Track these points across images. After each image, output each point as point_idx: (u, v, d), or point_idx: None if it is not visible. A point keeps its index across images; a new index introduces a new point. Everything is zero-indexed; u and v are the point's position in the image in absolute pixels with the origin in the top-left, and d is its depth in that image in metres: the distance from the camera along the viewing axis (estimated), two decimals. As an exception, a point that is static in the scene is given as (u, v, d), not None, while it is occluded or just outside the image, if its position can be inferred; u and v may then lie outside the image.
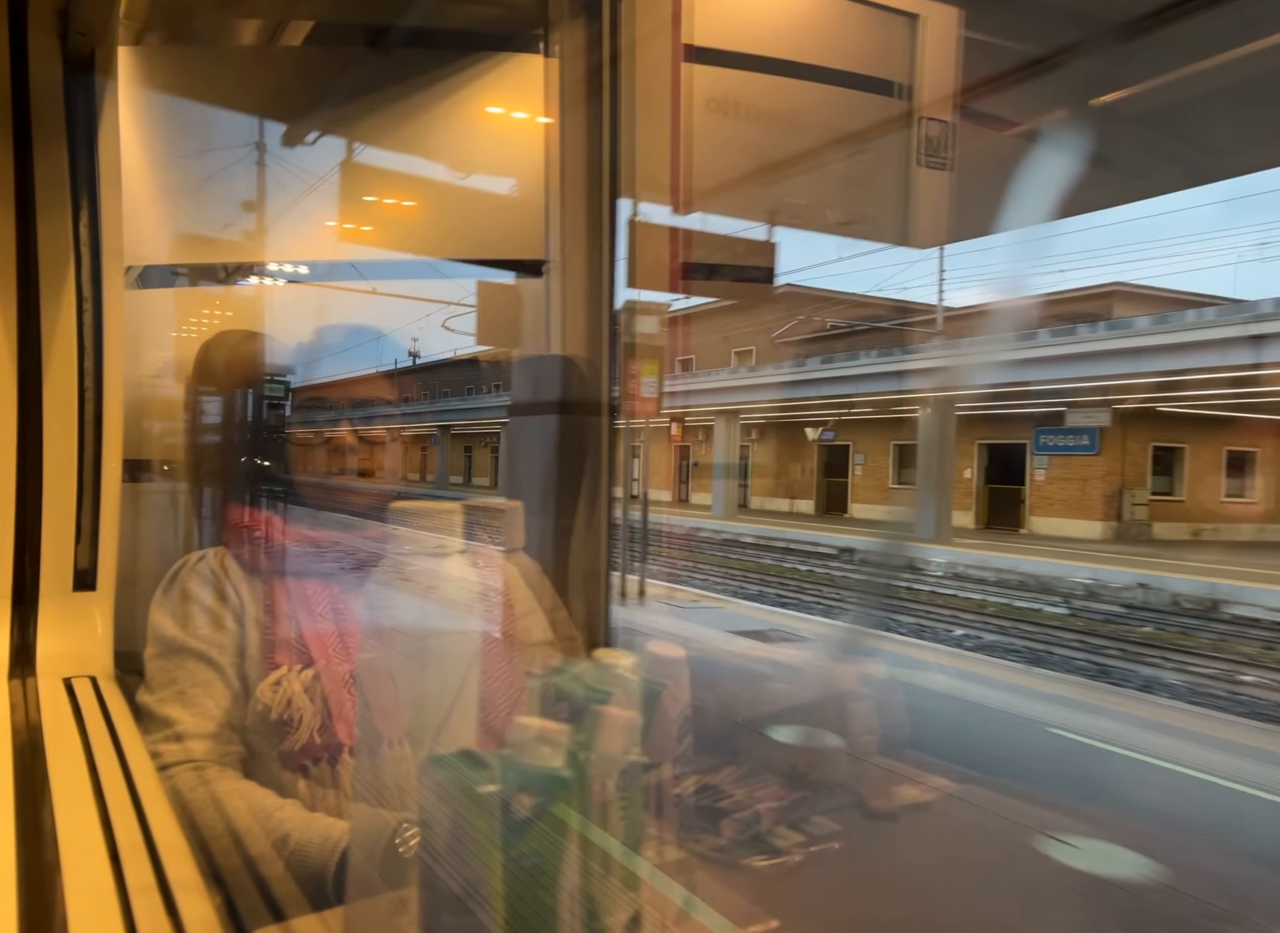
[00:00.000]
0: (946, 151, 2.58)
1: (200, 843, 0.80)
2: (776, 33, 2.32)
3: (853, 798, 0.90)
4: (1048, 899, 0.79)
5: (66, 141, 1.25)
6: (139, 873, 0.59)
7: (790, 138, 2.36)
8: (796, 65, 2.34)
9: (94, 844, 0.63)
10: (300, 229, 1.97)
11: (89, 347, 1.26)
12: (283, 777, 0.90)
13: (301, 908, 0.69)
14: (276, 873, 0.76)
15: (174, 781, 0.87)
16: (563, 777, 0.48)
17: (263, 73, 1.95)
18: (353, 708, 0.90)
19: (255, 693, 0.93)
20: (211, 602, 1.00)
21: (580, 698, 0.61)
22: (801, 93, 2.35)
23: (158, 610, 1.01)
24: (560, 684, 0.63)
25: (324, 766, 0.90)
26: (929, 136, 2.56)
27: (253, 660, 0.96)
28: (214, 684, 0.94)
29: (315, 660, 0.94)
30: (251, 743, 0.94)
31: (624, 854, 0.53)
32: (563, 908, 0.47)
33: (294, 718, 0.90)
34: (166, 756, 0.90)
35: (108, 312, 1.27)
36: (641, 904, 0.55)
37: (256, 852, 0.78)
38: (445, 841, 0.46)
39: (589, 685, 0.62)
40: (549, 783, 0.48)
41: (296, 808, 0.85)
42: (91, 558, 1.23)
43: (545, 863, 0.47)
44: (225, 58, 1.98)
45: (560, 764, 0.49)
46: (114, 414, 1.26)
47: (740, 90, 2.25)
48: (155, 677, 0.97)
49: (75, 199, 1.26)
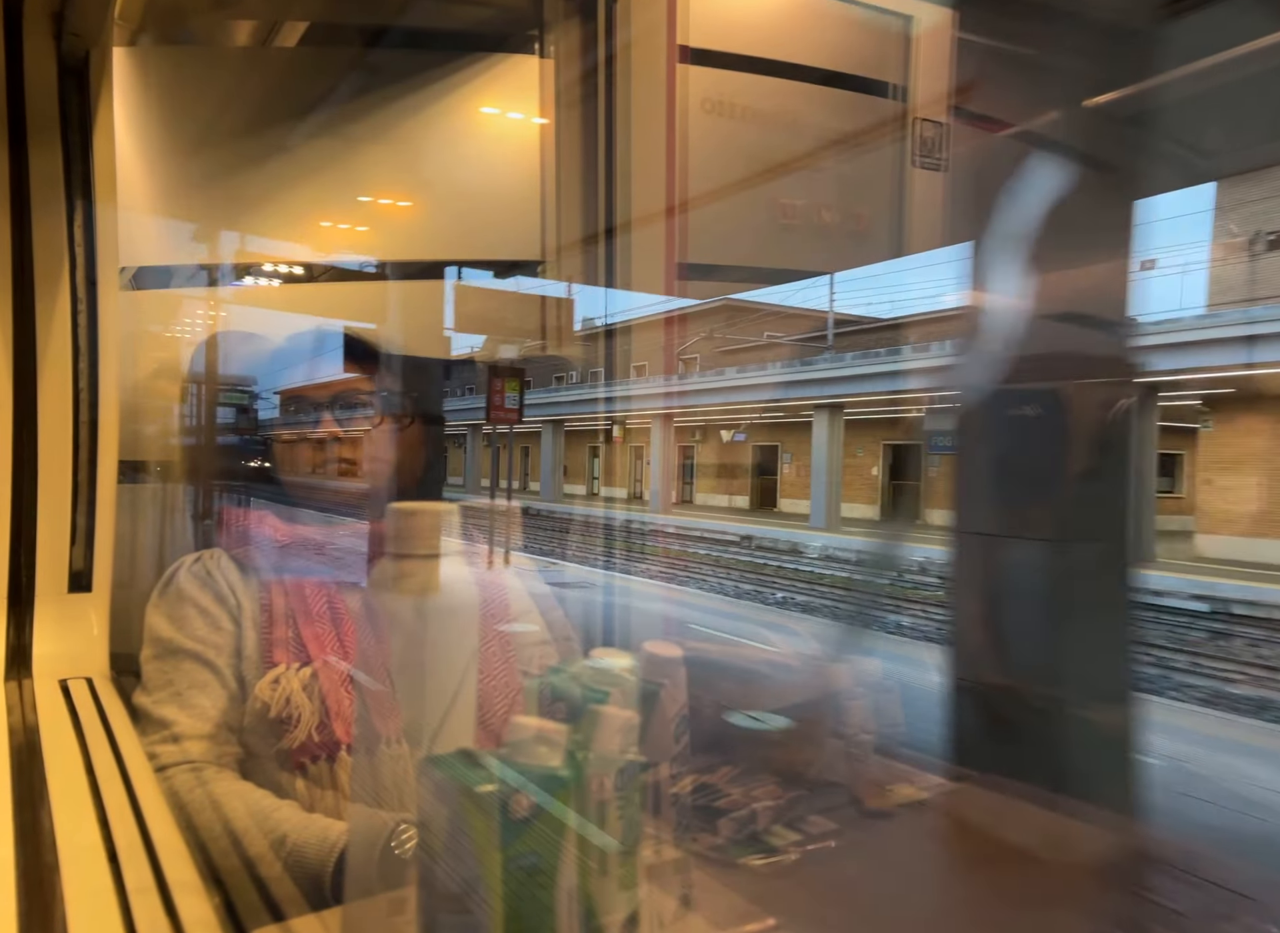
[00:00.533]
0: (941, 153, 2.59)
1: (198, 844, 0.80)
2: (771, 34, 2.33)
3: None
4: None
5: (61, 143, 1.25)
6: (138, 874, 0.59)
7: (786, 139, 2.36)
8: (791, 66, 2.35)
9: (92, 846, 0.63)
10: (296, 230, 1.97)
11: (84, 348, 1.26)
12: (280, 777, 0.91)
13: (300, 908, 0.69)
14: (274, 874, 0.76)
15: (171, 782, 0.87)
16: (560, 776, 0.49)
17: (258, 74, 1.95)
18: (350, 706, 0.90)
19: (254, 691, 0.93)
20: (208, 603, 1.00)
21: (577, 698, 0.61)
22: (796, 94, 2.36)
23: (154, 612, 1.01)
24: (557, 684, 0.63)
25: (322, 764, 0.90)
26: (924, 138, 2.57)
27: (250, 661, 0.96)
28: (211, 685, 0.95)
29: (313, 659, 0.94)
30: (249, 744, 0.94)
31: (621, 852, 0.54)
32: (560, 907, 0.48)
33: (292, 716, 0.91)
34: (164, 757, 0.90)
35: (103, 313, 1.27)
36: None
37: (254, 852, 0.79)
38: (443, 840, 0.46)
39: (586, 685, 0.62)
40: (547, 782, 0.48)
41: (294, 809, 0.85)
42: (87, 559, 1.23)
43: (543, 862, 0.47)
44: (220, 59, 1.98)
45: (558, 764, 0.49)
46: (109, 416, 1.25)
47: (736, 92, 2.25)
48: (152, 678, 0.97)
49: (70, 201, 1.26)
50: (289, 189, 1.92)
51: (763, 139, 2.29)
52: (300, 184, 1.93)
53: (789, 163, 2.35)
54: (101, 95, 1.28)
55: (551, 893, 0.47)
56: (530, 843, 0.46)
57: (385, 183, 2.02)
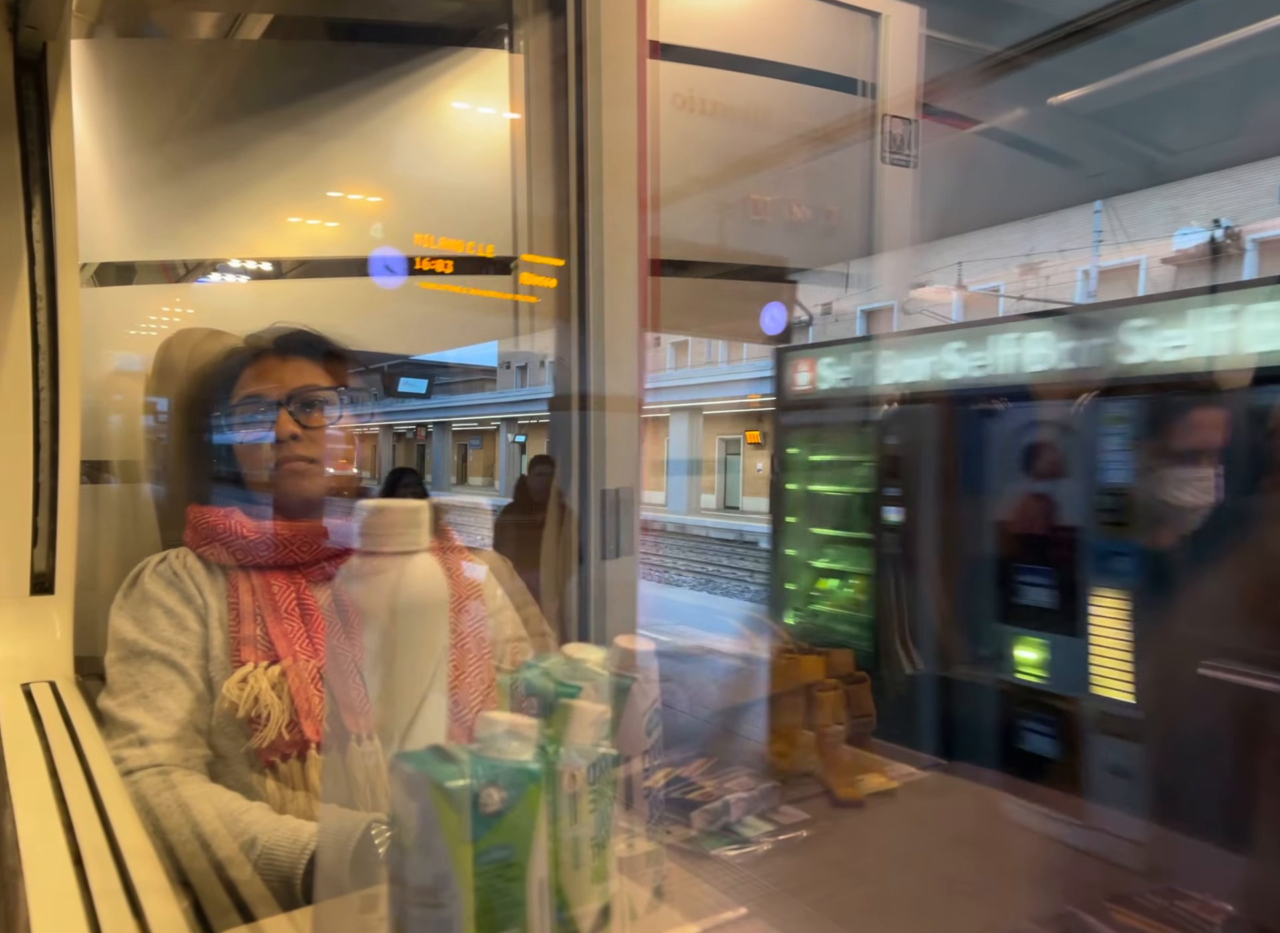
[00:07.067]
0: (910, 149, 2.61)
1: (167, 847, 0.79)
2: (740, 31, 2.33)
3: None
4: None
5: (18, 138, 1.22)
6: (103, 877, 0.58)
7: (756, 134, 2.37)
8: (761, 62, 2.36)
9: (57, 850, 0.62)
10: (263, 225, 1.94)
11: (44, 346, 1.23)
12: (250, 777, 0.90)
13: (271, 909, 0.68)
14: (245, 876, 0.75)
15: (139, 785, 0.86)
16: (532, 770, 0.49)
17: (221, 67, 1.92)
18: (321, 704, 0.89)
19: (221, 691, 0.92)
20: (174, 603, 0.98)
21: (549, 693, 0.61)
22: (767, 90, 2.37)
23: (118, 614, 1.00)
24: (529, 679, 0.63)
25: (292, 763, 0.89)
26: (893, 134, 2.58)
27: (217, 662, 0.95)
28: (177, 687, 0.93)
29: (281, 657, 0.93)
30: (218, 745, 0.93)
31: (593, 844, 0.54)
32: (532, 900, 0.48)
33: (261, 715, 0.90)
34: (130, 760, 0.88)
35: (63, 310, 1.25)
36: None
37: (224, 855, 0.78)
38: (415, 836, 0.46)
39: (558, 680, 0.62)
40: (518, 776, 0.48)
41: (264, 810, 0.84)
42: (49, 561, 1.21)
43: (515, 855, 0.47)
44: (182, 51, 1.94)
45: (529, 758, 0.50)
46: (71, 415, 1.23)
47: (706, 88, 2.26)
48: (117, 681, 0.95)
49: (28, 196, 1.23)
50: (254, 184, 1.90)
51: (733, 135, 2.30)
52: (266, 179, 1.91)
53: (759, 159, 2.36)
54: (60, 89, 1.26)
55: (523, 886, 0.47)
56: (501, 836, 0.46)
57: (353, 178, 2.00)
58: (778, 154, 2.35)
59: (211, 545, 1.03)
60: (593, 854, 0.54)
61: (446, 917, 0.45)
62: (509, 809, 0.47)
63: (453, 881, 0.45)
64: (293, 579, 1.01)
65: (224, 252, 1.96)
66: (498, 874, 0.46)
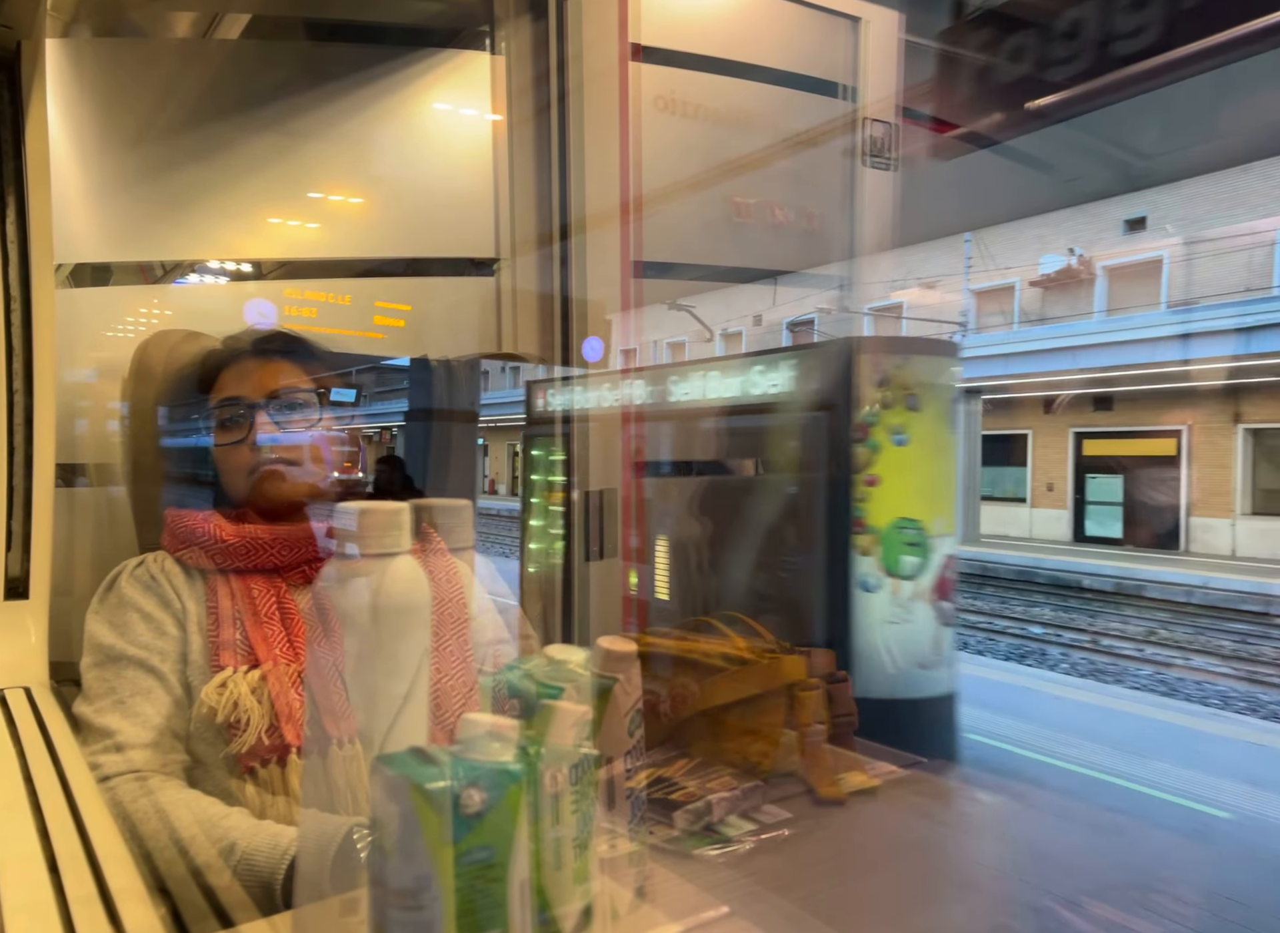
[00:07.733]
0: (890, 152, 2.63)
1: (144, 854, 0.78)
2: (722, 34, 2.34)
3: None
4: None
5: (-8, 136, 1.21)
6: (79, 884, 0.57)
7: (738, 137, 2.38)
8: (742, 66, 2.37)
9: (32, 856, 0.61)
10: (241, 226, 1.93)
11: (18, 348, 1.22)
12: (229, 782, 0.89)
13: (250, 915, 0.68)
14: (224, 882, 0.75)
15: (116, 792, 0.85)
16: (513, 771, 0.49)
17: (199, 67, 1.90)
18: (301, 709, 0.89)
19: (200, 696, 0.91)
20: (151, 608, 0.97)
21: (531, 694, 0.61)
22: (748, 93, 2.38)
23: (94, 618, 0.98)
24: (511, 680, 0.63)
25: (272, 767, 0.88)
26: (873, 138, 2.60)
27: (196, 666, 0.94)
28: (154, 692, 0.92)
29: (261, 661, 0.92)
30: (196, 751, 0.92)
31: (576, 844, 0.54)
32: (513, 901, 0.48)
33: (240, 720, 0.89)
34: (107, 766, 0.87)
35: (37, 311, 1.23)
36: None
37: (203, 861, 0.77)
38: (395, 838, 0.46)
39: (540, 681, 0.62)
40: (499, 778, 0.48)
41: (243, 816, 0.83)
42: (24, 565, 1.19)
43: (496, 856, 0.47)
44: (159, 51, 1.93)
45: (511, 759, 0.49)
46: (45, 417, 1.22)
47: (688, 90, 2.26)
48: (93, 686, 0.94)
49: (1, 196, 1.22)
50: (233, 185, 1.88)
51: (715, 137, 2.31)
52: (245, 179, 1.89)
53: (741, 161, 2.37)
54: (34, 88, 1.24)
55: (504, 887, 0.47)
56: (483, 837, 0.46)
57: (334, 179, 1.99)
58: (759, 157, 2.36)
59: (190, 549, 1.01)
60: (575, 855, 0.54)
61: (428, 919, 0.45)
62: (490, 810, 0.47)
63: (434, 882, 0.45)
64: (273, 583, 1.00)
65: (202, 252, 1.94)
66: (479, 876, 0.46)
